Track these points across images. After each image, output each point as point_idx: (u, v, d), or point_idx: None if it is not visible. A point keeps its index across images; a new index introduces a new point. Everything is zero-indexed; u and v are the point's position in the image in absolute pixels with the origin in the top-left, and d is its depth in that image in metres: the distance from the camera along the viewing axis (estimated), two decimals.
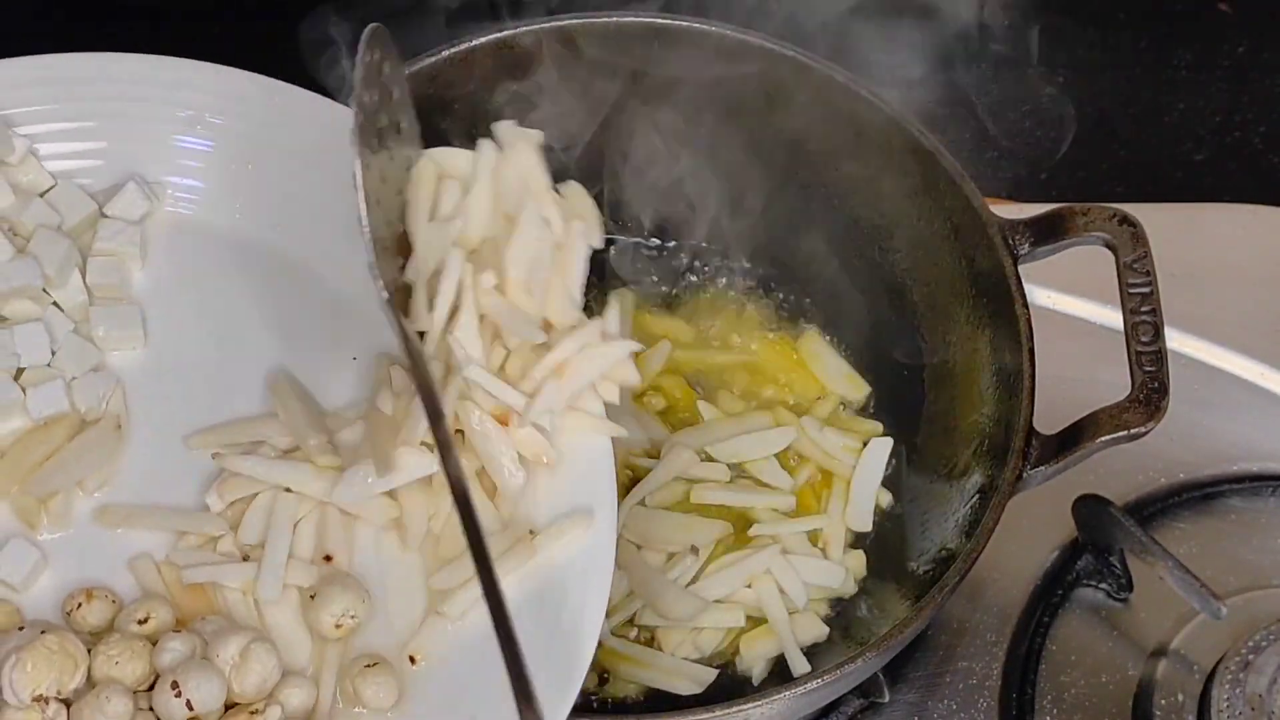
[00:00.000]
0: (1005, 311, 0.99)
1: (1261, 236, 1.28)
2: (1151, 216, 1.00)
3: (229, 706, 0.81)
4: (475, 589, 0.83)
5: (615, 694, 1.01)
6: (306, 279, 0.95)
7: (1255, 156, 1.44)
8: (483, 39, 1.05)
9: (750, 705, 0.87)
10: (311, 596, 0.85)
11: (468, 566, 0.83)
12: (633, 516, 1.03)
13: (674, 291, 1.17)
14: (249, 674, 0.81)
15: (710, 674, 1.00)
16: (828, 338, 1.15)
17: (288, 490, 0.88)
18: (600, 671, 1.02)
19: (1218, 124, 1.46)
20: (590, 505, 0.86)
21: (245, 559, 0.87)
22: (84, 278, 0.94)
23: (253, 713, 0.80)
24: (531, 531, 0.85)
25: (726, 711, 0.87)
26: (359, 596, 0.84)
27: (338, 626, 0.84)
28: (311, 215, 0.95)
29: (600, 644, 1.00)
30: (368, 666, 0.82)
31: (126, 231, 0.95)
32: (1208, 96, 1.47)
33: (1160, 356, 0.95)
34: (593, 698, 1.01)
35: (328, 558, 0.87)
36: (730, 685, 1.01)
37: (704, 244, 1.19)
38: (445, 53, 1.05)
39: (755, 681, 1.02)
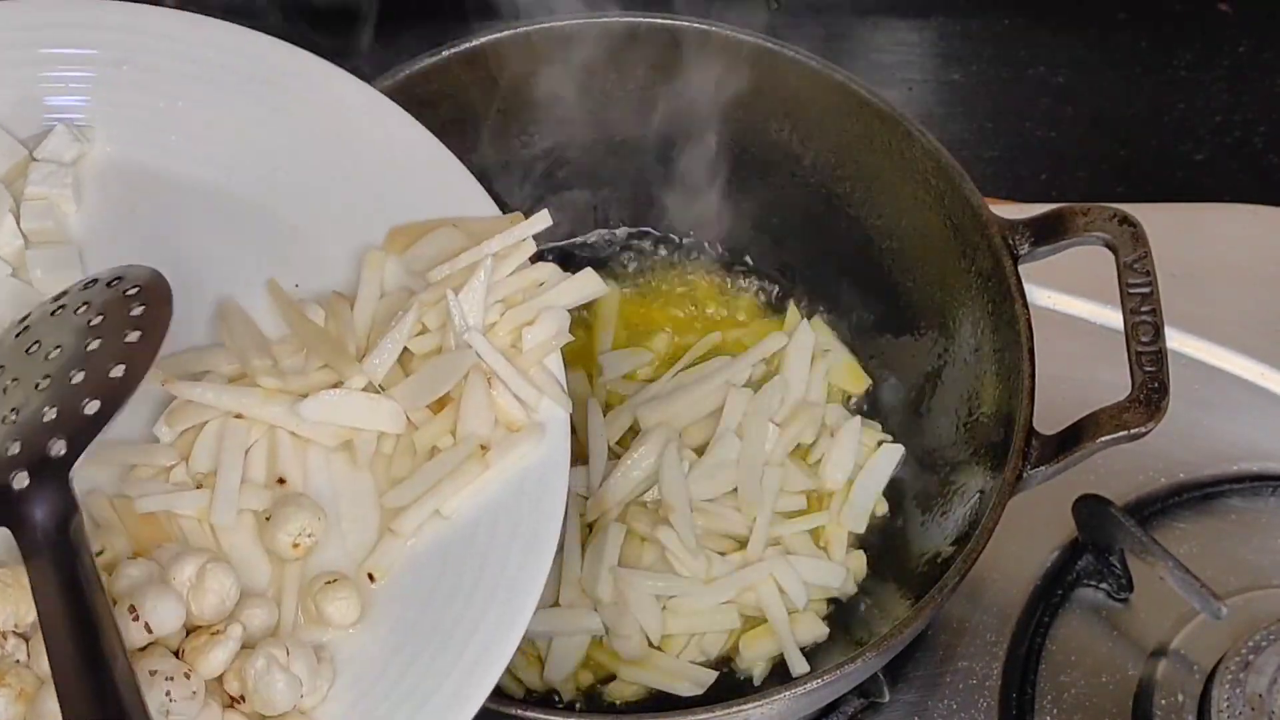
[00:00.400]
0: (1005, 311, 0.99)
1: (1261, 236, 1.28)
2: (1151, 216, 1.00)
3: (191, 631, 0.81)
4: (427, 505, 0.83)
5: (616, 695, 1.01)
6: (244, 212, 0.94)
7: (1255, 156, 1.44)
8: (482, 40, 1.06)
9: (750, 705, 0.87)
10: (267, 519, 0.84)
11: (419, 484, 0.84)
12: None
13: (662, 284, 1.18)
14: (207, 594, 0.80)
15: (710, 675, 1.00)
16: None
17: (237, 416, 0.87)
18: (602, 675, 1.02)
19: (1218, 124, 1.46)
20: (542, 421, 0.86)
21: (199, 487, 0.86)
22: (18, 223, 0.93)
23: (214, 633, 0.79)
24: (483, 446, 0.85)
25: (726, 711, 0.87)
26: (315, 515, 0.84)
27: (295, 546, 0.83)
28: (247, 148, 0.95)
29: (600, 644, 1.01)
30: (328, 583, 0.82)
31: (58, 174, 0.94)
32: (1208, 96, 1.47)
33: (1160, 356, 0.95)
34: (594, 697, 1.01)
35: (281, 480, 0.86)
36: (730, 685, 1.01)
37: (694, 240, 1.19)
38: (446, 53, 1.05)
39: (756, 682, 1.02)
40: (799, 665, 1.00)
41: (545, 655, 1.00)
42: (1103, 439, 0.93)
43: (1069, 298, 1.22)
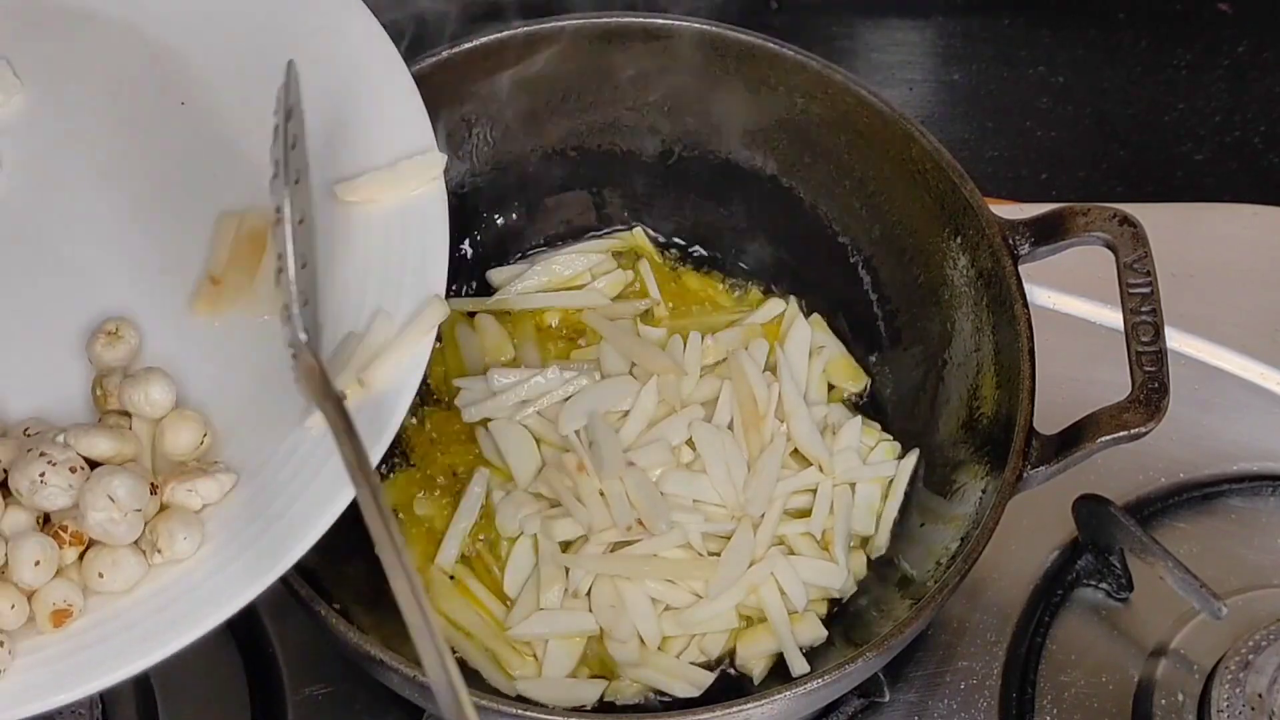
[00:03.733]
0: (1005, 311, 0.99)
1: (1261, 236, 1.28)
2: (1151, 216, 1.00)
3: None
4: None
5: (616, 694, 1.01)
6: (153, 51, 0.96)
7: (1255, 156, 1.45)
8: (483, 39, 1.06)
9: (751, 705, 0.87)
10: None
11: None
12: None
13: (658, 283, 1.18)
14: None
15: (709, 677, 1.00)
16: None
17: None
18: (602, 673, 1.02)
19: (1218, 124, 1.46)
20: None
21: None
22: None
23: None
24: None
25: (726, 711, 0.87)
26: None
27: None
28: None
29: (600, 640, 1.01)
30: (168, 522, 0.81)
31: None
32: (1208, 96, 1.48)
33: (1160, 356, 0.95)
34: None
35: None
36: (730, 685, 1.01)
37: (691, 241, 1.19)
38: (445, 54, 1.05)
39: (755, 681, 1.02)
40: (799, 665, 1.00)
41: (542, 656, 1.00)
42: (1103, 439, 0.93)
43: (1069, 298, 1.22)
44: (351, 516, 0.80)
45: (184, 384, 0.86)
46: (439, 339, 1.11)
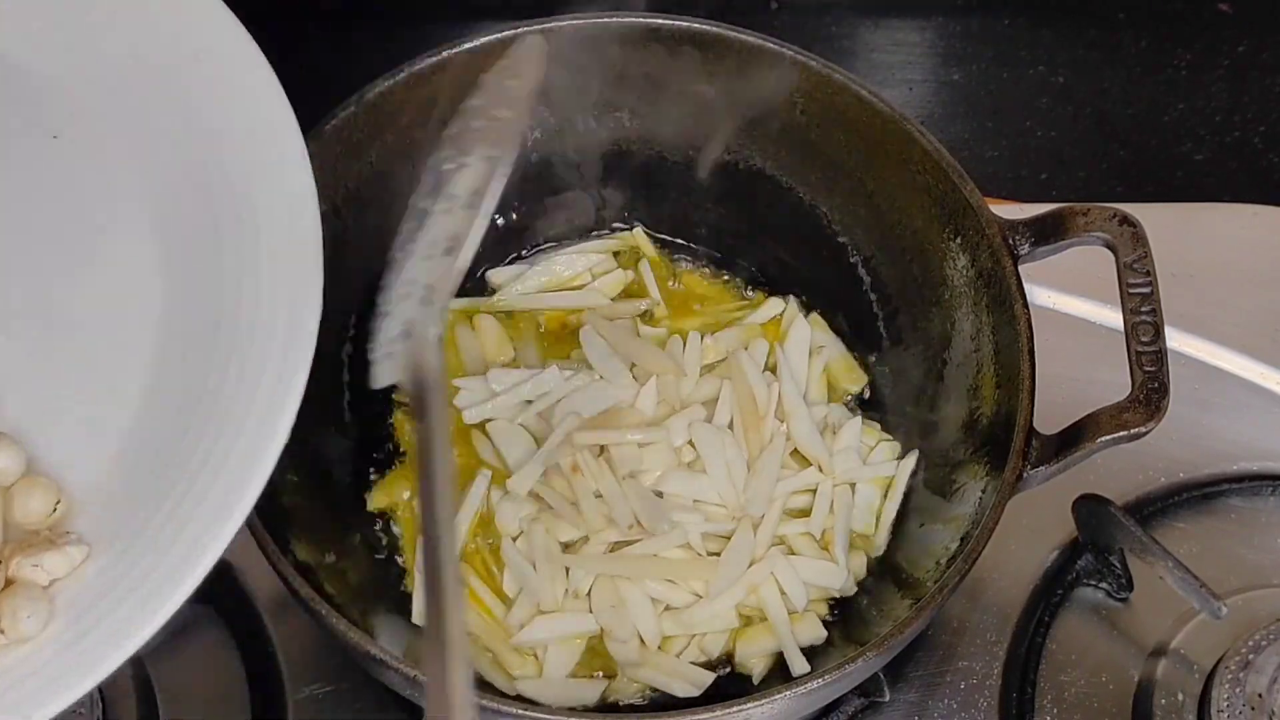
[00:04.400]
0: (1005, 311, 0.99)
1: (1261, 236, 1.28)
2: (1151, 216, 1.00)
3: None
4: None
5: (615, 693, 1.01)
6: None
7: (1255, 156, 1.44)
8: (482, 40, 1.06)
9: (751, 705, 0.87)
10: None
11: None
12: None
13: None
14: None
15: (709, 677, 1.00)
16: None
17: None
18: (604, 673, 1.02)
19: (1218, 124, 1.46)
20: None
21: None
22: None
23: None
24: None
25: (726, 711, 0.87)
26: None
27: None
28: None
29: (600, 639, 1.01)
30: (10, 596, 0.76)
31: None
32: (1208, 96, 1.47)
33: (1160, 356, 0.95)
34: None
35: None
36: (730, 685, 1.01)
37: (691, 242, 1.19)
38: (445, 54, 1.05)
39: (755, 681, 1.02)
40: (799, 665, 1.00)
41: (543, 656, 1.00)
42: (1103, 439, 0.93)
43: (1069, 298, 1.22)
44: (349, 512, 0.80)
45: (39, 450, 0.81)
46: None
